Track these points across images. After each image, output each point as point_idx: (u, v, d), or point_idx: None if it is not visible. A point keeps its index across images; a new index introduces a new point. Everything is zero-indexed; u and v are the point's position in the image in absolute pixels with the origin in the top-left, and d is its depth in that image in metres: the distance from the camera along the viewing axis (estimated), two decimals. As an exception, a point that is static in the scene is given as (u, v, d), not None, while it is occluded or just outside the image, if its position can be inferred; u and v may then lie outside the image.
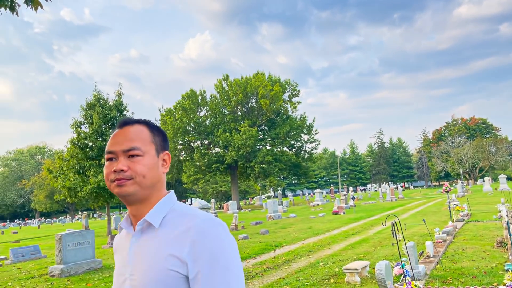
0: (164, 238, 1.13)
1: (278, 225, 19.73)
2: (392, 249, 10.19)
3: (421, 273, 6.78)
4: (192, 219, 1.13)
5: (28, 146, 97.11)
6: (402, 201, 33.52)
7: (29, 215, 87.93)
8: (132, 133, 1.20)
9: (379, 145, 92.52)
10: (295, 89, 46.83)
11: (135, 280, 1.14)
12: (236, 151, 40.33)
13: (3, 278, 10.43)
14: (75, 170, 20.98)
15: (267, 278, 8.15)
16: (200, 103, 45.40)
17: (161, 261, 1.10)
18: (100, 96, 22.18)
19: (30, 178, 79.23)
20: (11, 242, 23.57)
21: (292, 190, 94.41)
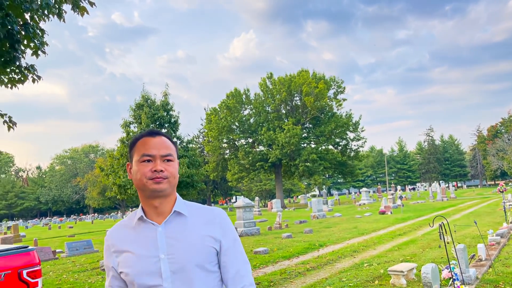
0: (196, 224, 1.48)
1: (322, 224, 19.52)
2: (441, 251, 9.80)
3: (472, 277, 6.47)
4: (212, 211, 1.55)
5: (82, 145, 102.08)
6: (454, 201, 32.15)
7: (84, 210, 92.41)
8: (166, 142, 1.49)
9: (429, 142, 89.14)
10: (340, 86, 46.11)
11: (175, 258, 1.42)
12: (280, 149, 40.30)
13: (58, 270, 11.03)
14: (124, 168, 21.80)
15: (310, 278, 8.08)
16: (244, 102, 45.72)
17: (200, 240, 1.45)
18: (148, 97, 22.91)
19: (84, 175, 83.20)
20: (67, 236, 24.85)
21: (338, 188, 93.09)
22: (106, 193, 25.52)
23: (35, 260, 3.64)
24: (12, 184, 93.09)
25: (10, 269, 3.33)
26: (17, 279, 3.35)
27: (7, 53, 4.52)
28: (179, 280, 1.42)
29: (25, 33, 4.64)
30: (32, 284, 3.45)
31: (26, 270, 3.42)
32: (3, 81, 5.06)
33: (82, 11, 4.91)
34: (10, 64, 4.69)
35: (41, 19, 4.80)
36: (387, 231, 15.06)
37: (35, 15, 4.72)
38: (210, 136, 45.24)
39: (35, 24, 4.83)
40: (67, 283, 9.10)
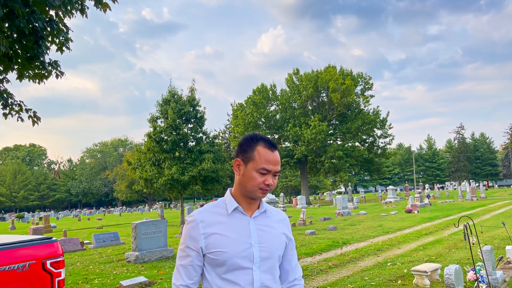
0: (274, 221, 1.77)
1: (347, 221, 19.34)
2: (467, 253, 9.55)
3: (499, 280, 6.28)
4: (281, 213, 1.87)
5: (112, 139, 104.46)
6: (484, 201, 31.23)
7: (113, 203, 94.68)
8: (279, 158, 1.70)
9: (459, 140, 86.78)
10: (368, 82, 45.40)
11: (264, 246, 1.68)
12: (306, 145, 40.09)
13: (85, 261, 11.35)
14: (151, 162, 22.13)
15: (331, 276, 8.03)
16: (271, 98, 45.66)
17: (280, 235, 1.75)
18: (174, 92, 23.15)
19: (113, 169, 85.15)
20: (95, 228, 25.53)
21: (364, 186, 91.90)
22: (133, 187, 26.04)
23: (58, 251, 3.75)
24: (45, 176, 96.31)
25: (34, 259, 3.45)
26: (41, 269, 3.46)
27: (32, 49, 4.67)
28: (265, 266, 1.67)
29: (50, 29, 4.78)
30: (55, 274, 3.56)
31: (49, 261, 3.53)
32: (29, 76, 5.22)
33: (105, 7, 5.00)
34: (34, 60, 4.84)
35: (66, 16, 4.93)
36: (412, 230, 14.78)
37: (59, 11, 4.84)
38: (236, 132, 45.42)
39: (60, 20, 4.96)
40: (93, 273, 9.36)
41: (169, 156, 22.07)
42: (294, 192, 58.62)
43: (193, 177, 21.56)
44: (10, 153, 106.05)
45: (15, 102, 5.79)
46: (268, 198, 17.22)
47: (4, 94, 5.74)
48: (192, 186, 22.84)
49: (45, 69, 5.11)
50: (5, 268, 3.21)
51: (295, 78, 45.91)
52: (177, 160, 22.08)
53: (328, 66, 44.79)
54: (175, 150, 22.17)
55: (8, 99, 5.71)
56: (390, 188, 38.96)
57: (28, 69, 5.05)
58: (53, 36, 4.91)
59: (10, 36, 4.61)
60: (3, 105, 5.81)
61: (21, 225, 38.06)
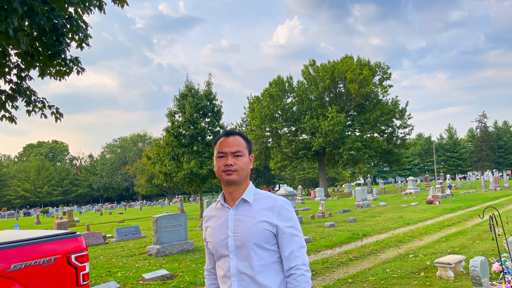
0: (257, 210, 1.82)
1: (366, 213, 19.19)
2: (493, 244, 9.36)
3: (526, 271, 6.12)
4: (274, 201, 1.85)
5: (131, 134, 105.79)
6: (508, 191, 30.54)
7: (133, 197, 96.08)
8: (237, 140, 1.86)
9: (481, 129, 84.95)
10: (386, 72, 44.70)
11: (238, 236, 1.80)
12: (324, 137, 39.81)
13: (108, 254, 11.55)
14: (170, 157, 22.34)
15: (352, 268, 7.98)
16: (287, 90, 45.39)
17: (258, 224, 1.79)
18: (191, 86, 23.24)
19: (133, 163, 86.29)
20: (117, 222, 25.96)
21: (384, 177, 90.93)
22: (153, 181, 26.33)
23: (82, 246, 3.81)
24: (67, 172, 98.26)
25: (59, 253, 3.51)
26: (66, 263, 3.52)
27: (53, 46, 4.74)
28: (241, 254, 1.79)
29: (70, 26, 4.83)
30: (80, 268, 3.62)
31: (74, 255, 3.59)
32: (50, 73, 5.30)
33: (122, 2, 5.02)
34: (56, 57, 4.91)
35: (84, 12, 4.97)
36: (434, 222, 14.57)
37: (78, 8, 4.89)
38: (252, 125, 45.38)
39: (79, 17, 5.00)
40: (116, 266, 9.52)
41: (188, 150, 22.22)
42: (312, 185, 58.42)
43: (212, 170, 21.66)
44: (34, 149, 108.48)
45: (38, 99, 5.90)
46: (286, 191, 17.18)
47: (27, 92, 5.85)
48: (211, 179, 22.96)
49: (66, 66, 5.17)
50: (31, 262, 3.28)
51: (312, 69, 45.53)
52: (195, 154, 22.21)
53: (345, 56, 44.23)
54: (193, 144, 22.30)
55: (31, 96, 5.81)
56: (410, 179, 38.46)
57: (49, 66, 5.13)
58: (73, 33, 4.97)
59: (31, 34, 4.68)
60: (26, 102, 5.92)
61: (46, 220, 39.00)
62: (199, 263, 9.32)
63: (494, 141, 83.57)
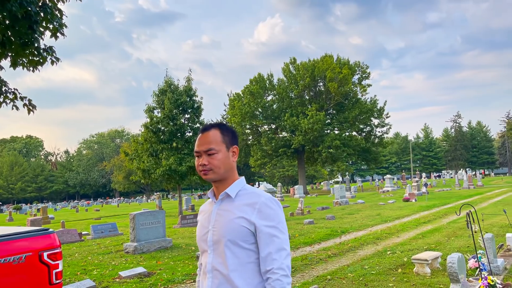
0: (237, 205, 1.73)
1: (345, 211, 19.35)
2: (467, 241, 9.55)
3: (500, 267, 6.26)
4: (257, 197, 1.73)
5: (109, 130, 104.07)
6: (481, 189, 31.34)
7: (110, 194, 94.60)
8: (209, 137, 1.76)
9: (456, 129, 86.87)
10: (365, 71, 45.18)
11: (216, 230, 1.73)
12: (303, 135, 39.98)
13: (84, 252, 11.29)
14: (148, 153, 22.04)
15: (331, 265, 8.01)
16: (268, 88, 45.37)
17: (235, 219, 1.70)
18: (171, 82, 22.97)
19: (110, 160, 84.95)
20: (93, 219, 25.48)
21: (361, 175, 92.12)
22: (131, 177, 25.92)
23: (55, 243, 3.67)
24: (42, 168, 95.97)
25: (31, 251, 3.36)
26: (37, 261, 3.38)
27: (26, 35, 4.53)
28: (217, 250, 1.72)
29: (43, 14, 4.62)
30: (52, 266, 3.49)
31: (46, 252, 3.45)
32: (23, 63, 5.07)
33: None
34: (29, 45, 4.70)
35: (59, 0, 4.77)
36: (411, 219, 14.80)
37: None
38: (233, 122, 45.23)
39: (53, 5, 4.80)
40: (91, 264, 9.31)
41: (167, 146, 21.96)
42: (292, 182, 58.67)
43: (191, 167, 21.47)
44: (7, 145, 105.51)
45: (9, 90, 5.64)
46: (266, 188, 17.19)
47: (-3, 82, 5.59)
48: (190, 176, 22.78)
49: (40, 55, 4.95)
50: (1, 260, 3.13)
51: (292, 67, 45.64)
52: (174, 151, 21.98)
53: (325, 55, 44.48)
54: (172, 140, 22.06)
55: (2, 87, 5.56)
56: (387, 177, 39.04)
57: (22, 56, 4.90)
58: (47, 21, 4.76)
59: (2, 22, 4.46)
60: (-4, 93, 5.66)
61: (19, 217, 37.99)
62: (177, 260, 9.20)
63: (468, 140, 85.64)
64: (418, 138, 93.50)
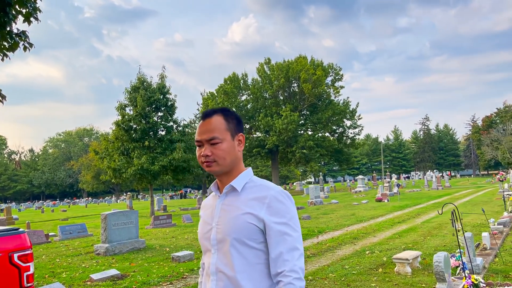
0: (244, 200, 1.54)
1: (319, 211, 19.39)
2: (443, 239, 9.66)
3: (479, 266, 6.30)
4: (267, 190, 1.54)
5: (77, 128, 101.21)
6: (449, 190, 32.18)
7: (78, 194, 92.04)
8: (211, 124, 1.56)
9: (424, 131, 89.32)
10: (338, 73, 45.66)
11: (220, 228, 1.54)
12: (277, 135, 40.01)
13: (51, 254, 10.78)
14: (119, 152, 21.44)
15: (311, 265, 7.90)
16: (242, 87, 45.20)
17: (241, 215, 1.50)
18: (144, 79, 22.44)
19: (78, 159, 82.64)
20: (60, 220, 24.60)
21: (333, 176, 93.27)
22: (100, 177, 25.19)
23: (26, 244, 3.37)
24: (5, 167, 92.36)
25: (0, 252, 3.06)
26: (7, 263, 3.08)
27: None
28: (222, 249, 1.52)
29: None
30: (23, 268, 3.19)
31: (17, 254, 3.15)
32: (-8, 49, 4.68)
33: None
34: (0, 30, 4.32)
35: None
36: (385, 219, 14.94)
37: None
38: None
39: (28, -14, 4.45)
40: (60, 267, 8.87)
41: (139, 145, 21.45)
42: (264, 182, 58.75)
43: (164, 167, 21.06)
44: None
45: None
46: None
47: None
48: (163, 176, 22.34)
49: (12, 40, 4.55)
50: (-35, 263, 2.82)
51: (267, 67, 45.64)
52: (146, 150, 21.49)
53: (299, 56, 44.71)
54: (145, 139, 21.56)
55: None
56: (359, 177, 39.56)
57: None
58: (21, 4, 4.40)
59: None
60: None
61: (-20, 218, 36.28)
62: (151, 262, 8.88)
63: (435, 143, 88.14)
64: (388, 140, 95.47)
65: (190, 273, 7.63)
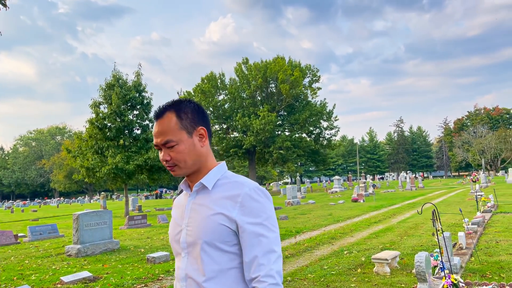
0: (216, 198, 1.39)
1: (297, 211, 19.37)
2: (419, 239, 9.73)
3: (457, 265, 6.32)
4: (241, 187, 1.38)
5: (49, 127, 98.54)
6: (423, 191, 32.78)
7: (49, 194, 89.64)
8: (163, 125, 1.41)
9: (398, 133, 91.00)
10: (316, 74, 45.97)
11: (190, 230, 1.40)
12: (255, 136, 39.92)
13: (20, 255, 10.34)
14: (93, 150, 20.93)
15: (289, 265, 7.79)
16: (219, 87, 44.92)
17: (212, 216, 1.36)
18: (119, 77, 21.96)
19: (50, 158, 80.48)
20: (30, 220, 23.81)
21: (309, 176, 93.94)
22: (73, 176, 24.44)
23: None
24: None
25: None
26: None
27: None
28: (191, 254, 1.40)
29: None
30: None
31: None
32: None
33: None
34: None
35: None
36: (362, 219, 15.01)
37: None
38: (182, 121, 44.31)
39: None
40: (29, 269, 8.49)
41: (113, 144, 20.98)
42: (241, 183, 58.60)
43: (139, 166, 20.67)
44: None
45: None
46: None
47: None
48: (138, 175, 21.90)
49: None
50: None
51: (244, 67, 45.51)
52: (121, 148, 21.03)
53: (277, 57, 44.76)
54: (120, 137, 21.10)
55: None
56: (336, 178, 39.87)
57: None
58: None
59: None
60: None
61: None
62: (125, 263, 8.61)
63: (409, 144, 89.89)
64: (363, 141, 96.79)
65: (166, 275, 7.42)
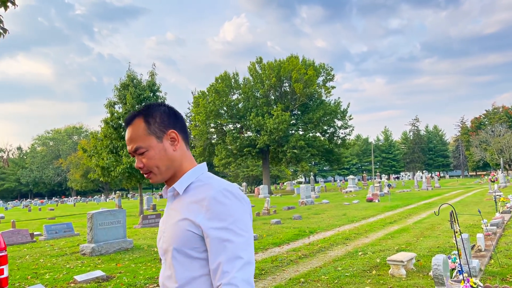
0: (186, 203, 1.34)
1: (310, 210, 19.23)
2: (436, 240, 9.53)
3: (476, 268, 6.15)
4: (208, 190, 1.31)
5: (66, 126, 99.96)
6: (439, 191, 32.26)
7: (66, 193, 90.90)
8: (132, 132, 1.38)
9: (414, 132, 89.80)
10: (330, 73, 45.60)
11: (165, 236, 1.37)
12: (268, 135, 39.81)
13: (35, 254, 10.45)
14: (108, 150, 21.08)
15: (302, 266, 7.70)
16: (233, 86, 44.91)
17: (180, 222, 1.31)
18: (133, 76, 22.10)
19: (67, 157, 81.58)
20: (47, 219, 24.13)
21: (323, 176, 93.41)
22: (89, 175, 24.72)
23: (0, 245, 3.11)
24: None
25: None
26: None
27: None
28: (166, 260, 1.37)
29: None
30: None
31: (-13, 257, 2.90)
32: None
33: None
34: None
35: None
36: (377, 219, 14.81)
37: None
38: (197, 120, 44.46)
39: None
40: (44, 267, 8.56)
41: (128, 143, 21.09)
42: (255, 182, 58.39)
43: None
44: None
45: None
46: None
47: None
48: (152, 174, 21.95)
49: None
50: None
51: (258, 66, 45.41)
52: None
53: (290, 56, 44.55)
54: (134, 137, 21.19)
55: None
56: (350, 177, 39.53)
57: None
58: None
59: None
60: None
61: (-35, 216, 35.55)
62: (139, 263, 8.62)
63: (425, 144, 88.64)
64: (378, 141, 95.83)
65: (179, 275, 7.38)
